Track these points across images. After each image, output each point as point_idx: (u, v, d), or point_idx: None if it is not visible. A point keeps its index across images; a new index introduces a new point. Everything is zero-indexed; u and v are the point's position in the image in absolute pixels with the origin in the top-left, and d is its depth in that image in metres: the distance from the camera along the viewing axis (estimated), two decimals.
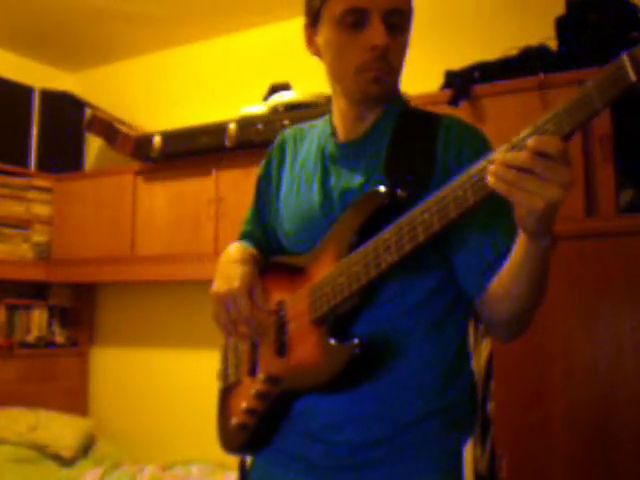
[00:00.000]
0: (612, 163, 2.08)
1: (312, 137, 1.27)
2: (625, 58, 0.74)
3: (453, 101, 2.33)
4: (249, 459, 1.27)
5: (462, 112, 2.29)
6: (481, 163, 0.87)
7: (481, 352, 2.22)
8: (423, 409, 1.07)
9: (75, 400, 3.73)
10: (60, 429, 3.25)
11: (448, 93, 2.36)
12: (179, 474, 2.94)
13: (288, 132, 1.34)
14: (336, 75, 1.17)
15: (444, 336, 1.10)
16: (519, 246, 0.94)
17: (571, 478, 1.99)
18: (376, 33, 1.07)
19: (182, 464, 3.01)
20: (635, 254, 1.99)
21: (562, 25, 2.30)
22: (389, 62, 1.10)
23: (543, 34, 2.36)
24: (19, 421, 3.20)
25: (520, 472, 2.07)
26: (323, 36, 1.15)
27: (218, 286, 1.19)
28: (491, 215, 1.02)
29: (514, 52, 2.39)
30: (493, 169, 0.83)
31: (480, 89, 2.32)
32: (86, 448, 3.30)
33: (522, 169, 0.80)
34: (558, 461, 2.01)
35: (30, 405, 3.36)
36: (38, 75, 3.87)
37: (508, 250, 0.99)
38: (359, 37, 1.09)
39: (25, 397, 3.41)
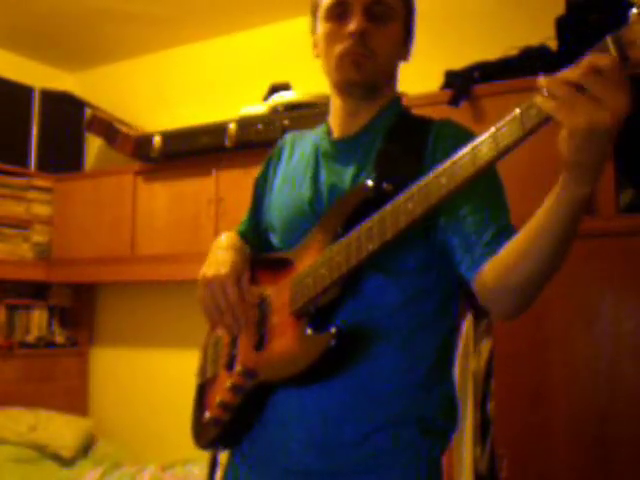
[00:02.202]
0: (612, 163, 2.08)
1: (309, 139, 1.29)
2: (609, 40, 0.75)
3: (453, 101, 2.33)
4: (224, 457, 1.27)
5: (462, 112, 2.29)
6: (464, 151, 0.87)
7: (481, 352, 2.22)
8: (395, 413, 1.06)
9: (75, 400, 3.73)
10: (60, 429, 3.25)
11: (448, 93, 2.36)
12: (179, 474, 2.94)
13: (288, 136, 1.36)
14: (325, 67, 1.20)
15: (426, 340, 1.10)
16: (550, 195, 0.87)
17: (571, 477, 1.99)
18: (354, 20, 1.12)
19: (182, 464, 3.01)
20: (635, 254, 1.99)
21: (562, 25, 2.30)
22: (369, 47, 1.13)
23: (543, 34, 2.36)
24: (19, 421, 3.20)
25: (520, 472, 2.07)
26: (319, 34, 1.20)
27: (206, 271, 1.19)
28: (485, 196, 1.02)
29: (514, 52, 2.39)
30: (544, 83, 0.78)
31: (480, 89, 2.32)
32: (86, 448, 3.31)
33: (574, 84, 0.77)
34: (558, 461, 2.01)
35: (30, 405, 3.36)
36: (38, 75, 3.87)
37: (509, 224, 0.99)
38: (342, 27, 1.14)
39: (25, 397, 3.41)
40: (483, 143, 0.85)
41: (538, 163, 1.96)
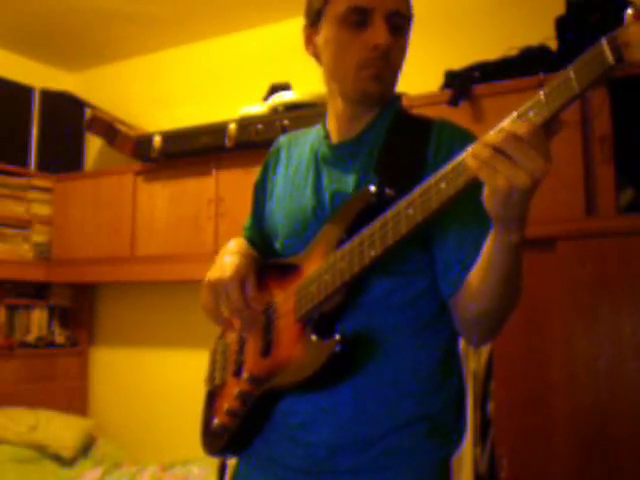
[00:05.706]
0: (612, 163, 2.08)
1: (306, 142, 1.28)
2: (604, 42, 0.75)
3: (453, 101, 2.33)
4: (232, 463, 1.27)
5: (462, 112, 2.29)
6: (464, 154, 0.88)
7: (481, 352, 2.23)
8: (404, 415, 1.07)
9: (75, 400, 3.73)
10: (60, 429, 3.25)
11: (448, 93, 2.36)
12: (179, 474, 2.94)
13: (283, 138, 1.35)
14: (335, 73, 1.17)
15: (430, 340, 1.10)
16: (489, 240, 0.94)
17: (571, 477, 1.99)
18: (379, 32, 1.09)
19: (182, 464, 3.01)
20: (635, 254, 1.99)
21: (562, 25, 2.30)
22: (390, 61, 1.11)
23: (543, 34, 2.37)
24: (19, 421, 3.20)
25: (520, 472, 2.07)
26: (324, 35, 1.16)
27: (211, 274, 1.19)
28: (473, 215, 1.02)
29: (514, 52, 2.39)
30: (472, 148, 0.85)
31: (480, 89, 2.33)
32: (86, 448, 3.31)
33: (496, 148, 0.82)
34: (558, 461, 2.01)
35: (30, 405, 3.37)
36: (38, 75, 3.87)
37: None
38: (361, 35, 1.11)
39: (25, 397, 3.42)
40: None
41: None
